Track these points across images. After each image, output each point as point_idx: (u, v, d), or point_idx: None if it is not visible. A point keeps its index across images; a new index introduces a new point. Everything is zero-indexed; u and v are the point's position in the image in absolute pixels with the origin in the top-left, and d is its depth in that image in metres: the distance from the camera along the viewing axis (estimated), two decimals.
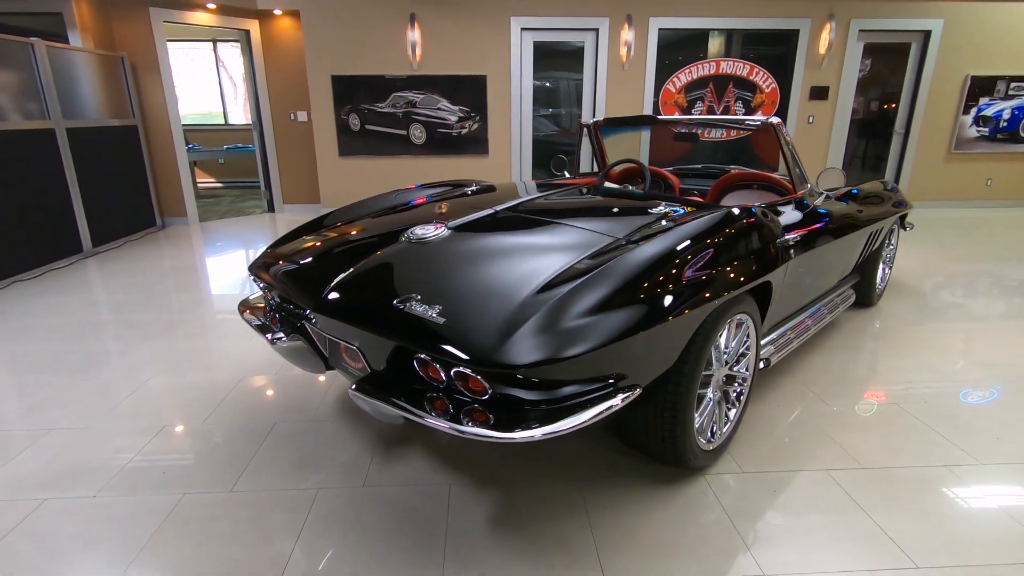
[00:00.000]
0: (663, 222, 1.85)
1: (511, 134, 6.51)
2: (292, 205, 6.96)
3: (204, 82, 9.42)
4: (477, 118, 6.44)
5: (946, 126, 6.76)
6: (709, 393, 1.84)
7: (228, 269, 4.52)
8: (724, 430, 1.95)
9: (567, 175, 3.41)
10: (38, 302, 3.68)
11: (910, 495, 1.80)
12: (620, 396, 1.40)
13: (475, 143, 6.52)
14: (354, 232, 2.00)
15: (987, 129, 6.74)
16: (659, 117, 2.87)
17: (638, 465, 1.94)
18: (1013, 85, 6.60)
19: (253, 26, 6.23)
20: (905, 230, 3.68)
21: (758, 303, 2.07)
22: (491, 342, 1.28)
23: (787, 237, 2.10)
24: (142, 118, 5.80)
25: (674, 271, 1.54)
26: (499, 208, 2.05)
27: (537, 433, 1.28)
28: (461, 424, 1.31)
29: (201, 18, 5.85)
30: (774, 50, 6.46)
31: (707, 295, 1.58)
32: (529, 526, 1.67)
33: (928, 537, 1.61)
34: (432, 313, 1.39)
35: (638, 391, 1.45)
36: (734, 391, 2.00)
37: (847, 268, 2.91)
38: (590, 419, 1.33)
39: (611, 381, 1.42)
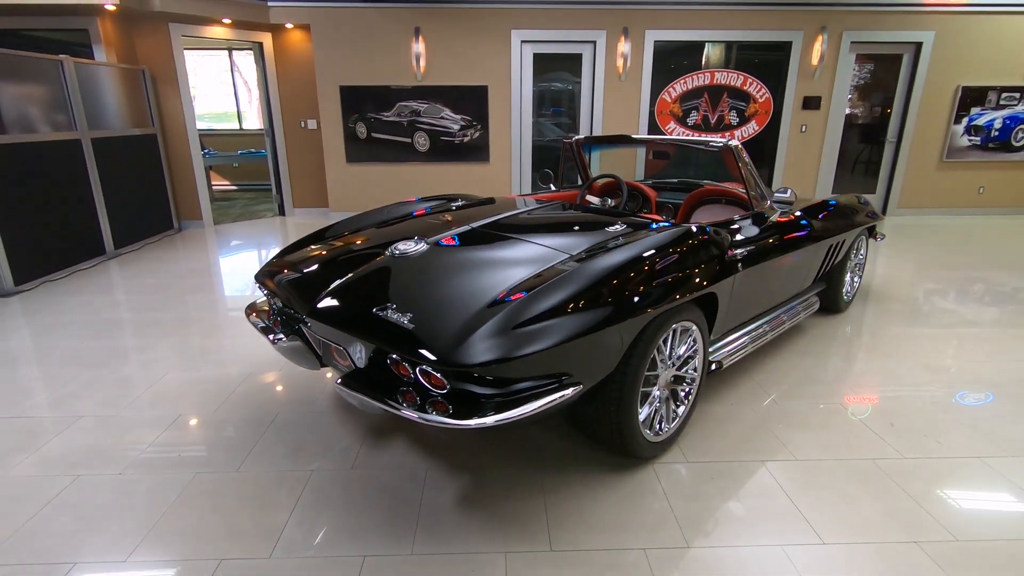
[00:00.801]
0: (618, 240, 2.09)
1: (511, 142, 6.76)
2: (302, 209, 7.27)
3: (220, 84, 9.78)
4: (479, 127, 6.70)
5: (938, 135, 6.90)
6: (656, 392, 2.08)
7: (239, 271, 4.82)
8: (672, 425, 2.18)
9: (552, 188, 3.66)
10: (66, 301, 4.00)
11: (832, 483, 2.02)
12: (563, 392, 1.64)
13: (477, 151, 6.78)
14: (348, 245, 2.27)
15: (979, 138, 6.87)
16: (632, 136, 3.11)
17: (595, 455, 2.19)
18: (1004, 95, 6.73)
19: (266, 39, 6.54)
20: (876, 240, 3.88)
21: (709, 311, 2.31)
22: (449, 345, 1.53)
23: (735, 252, 2.33)
24: (161, 127, 6.13)
25: (615, 285, 1.78)
26: (476, 225, 2.30)
27: (489, 420, 1.54)
28: (426, 413, 1.57)
29: (217, 32, 6.17)
30: (767, 61, 6.65)
31: (646, 306, 1.82)
32: (492, 505, 1.92)
33: (839, 519, 1.84)
34: (404, 320, 1.65)
35: (580, 388, 1.70)
36: (683, 391, 2.24)
37: (807, 278, 3.13)
38: (535, 410, 1.58)
39: (557, 379, 1.67)
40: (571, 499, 1.94)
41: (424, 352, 1.55)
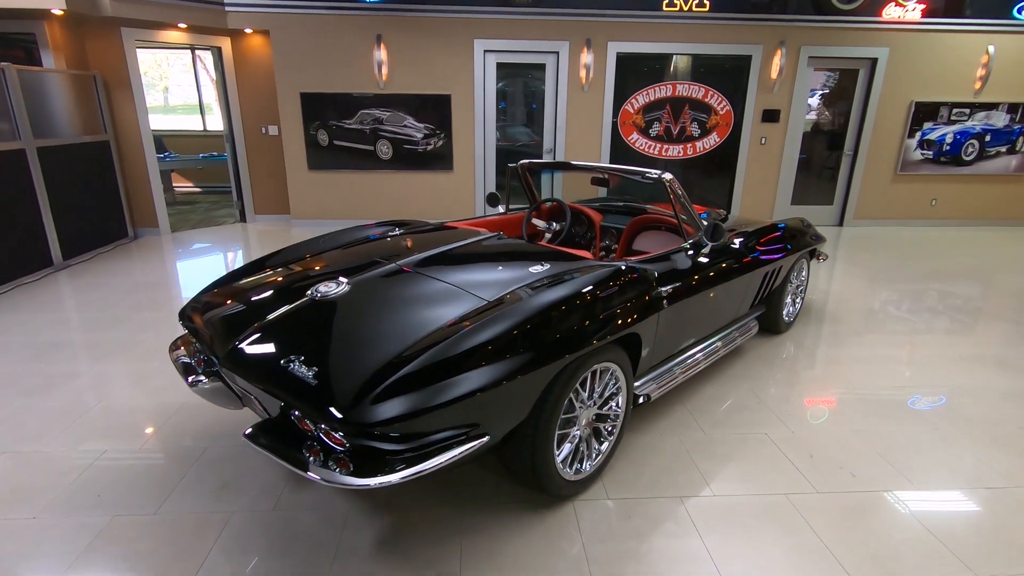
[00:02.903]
0: (542, 281, 2.12)
1: (475, 151, 6.76)
2: (264, 216, 7.18)
3: (184, 81, 9.58)
4: (442, 135, 6.68)
5: (892, 149, 7.07)
6: (576, 431, 2.12)
7: (191, 284, 4.76)
8: (594, 462, 2.22)
9: (501, 210, 3.67)
10: (3, 319, 3.91)
11: (744, 521, 2.09)
12: (469, 445, 1.67)
13: (440, 159, 6.76)
14: (274, 282, 2.26)
15: (931, 152, 7.06)
16: (572, 163, 3.14)
17: (518, 491, 2.22)
18: (955, 111, 6.91)
19: (225, 43, 6.43)
20: (820, 261, 3.97)
21: (633, 349, 2.35)
22: (347, 404, 1.54)
23: (660, 289, 2.38)
24: (114, 133, 6.00)
25: (528, 331, 1.81)
26: (402, 263, 2.31)
27: (394, 478, 1.55)
28: (330, 470, 1.58)
29: (173, 36, 6.05)
30: (728, 74, 6.73)
31: (560, 352, 1.85)
32: (408, 548, 1.94)
33: (746, 559, 1.90)
34: (308, 374, 1.65)
35: (487, 440, 1.72)
36: (606, 428, 2.28)
37: (743, 306, 3.19)
38: (440, 464, 1.60)
39: (464, 431, 1.69)
40: (487, 541, 1.97)
41: (322, 410, 1.56)
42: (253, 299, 2.13)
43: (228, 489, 2.22)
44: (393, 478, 1.55)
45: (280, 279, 2.28)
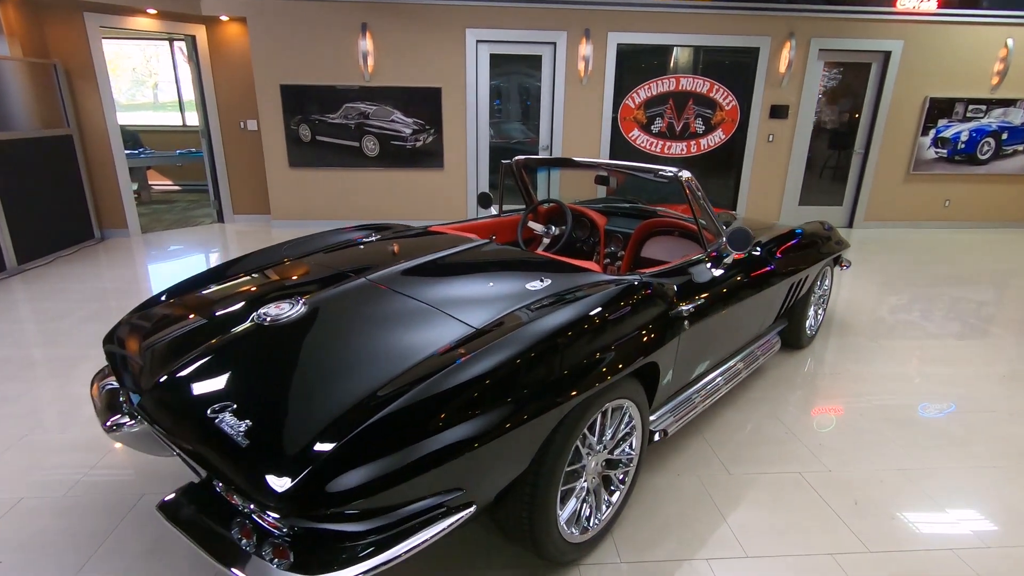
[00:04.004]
0: (540, 303, 1.75)
1: (467, 148, 6.37)
2: (243, 216, 6.76)
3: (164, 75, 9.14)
4: (432, 131, 6.29)
5: (905, 147, 6.74)
6: (581, 484, 1.75)
7: (155, 291, 4.35)
8: (603, 516, 1.86)
9: (494, 212, 3.30)
10: None
11: None
12: (447, 521, 1.29)
13: (430, 156, 6.37)
14: (214, 303, 1.87)
15: (945, 151, 6.74)
16: (575, 159, 2.77)
17: (516, 552, 1.85)
18: (971, 107, 6.59)
19: (199, 31, 6.01)
20: (843, 269, 3.62)
21: (649, 379, 1.98)
22: (282, 479, 1.16)
23: (681, 308, 2.01)
24: (78, 127, 5.57)
25: (521, 370, 1.44)
26: (373, 277, 1.93)
27: (347, 574, 1.18)
28: (263, 559, 1.20)
29: (142, 23, 5.63)
30: (735, 67, 6.38)
31: (560, 396, 1.48)
32: None
33: None
34: (239, 431, 1.27)
35: (472, 510, 1.35)
36: (618, 475, 1.91)
37: (766, 321, 2.84)
38: (410, 551, 1.23)
39: (442, 502, 1.31)
40: None
41: (253, 483, 1.18)
42: (185, 325, 1.74)
43: (161, 548, 1.84)
44: (346, 574, 1.17)
45: (225, 298, 1.89)
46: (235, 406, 1.34)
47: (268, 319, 1.67)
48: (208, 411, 1.34)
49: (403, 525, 1.25)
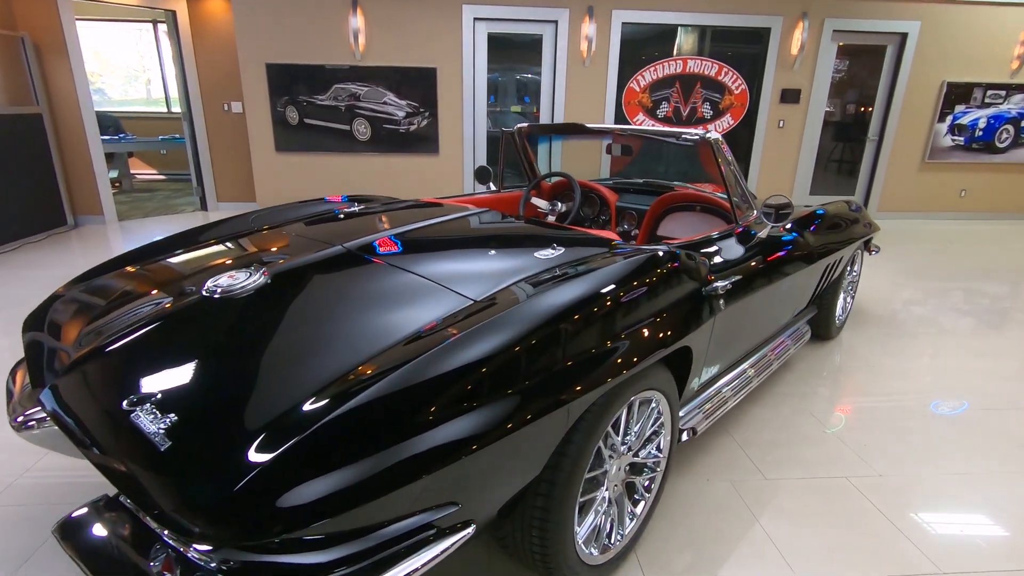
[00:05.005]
0: (551, 273, 1.44)
1: (463, 132, 6.06)
2: (227, 204, 6.43)
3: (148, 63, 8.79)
4: (427, 114, 5.97)
5: (921, 134, 6.46)
6: (602, 494, 1.44)
7: None
8: (626, 532, 1.55)
9: (492, 188, 2.99)
10: None
11: None
12: (441, 545, 0.99)
13: (424, 141, 6.05)
14: (161, 274, 1.56)
15: (962, 138, 6.46)
16: (586, 126, 2.46)
17: (518, 571, 1.54)
18: (990, 93, 6.32)
19: (180, 6, 5.67)
20: (871, 254, 3.33)
21: (677, 367, 1.68)
22: (212, 494, 0.85)
23: (716, 284, 1.71)
24: (48, 105, 5.23)
25: (532, 352, 1.13)
26: (351, 245, 1.61)
27: None
28: None
29: None
30: (744, 49, 6.09)
31: (582, 384, 1.17)
32: None
33: None
34: (159, 430, 0.96)
35: (470, 531, 1.04)
36: (643, 482, 1.61)
37: (798, 306, 2.54)
38: None
39: (432, 519, 1.01)
40: None
41: (170, 501, 0.87)
42: (116, 301, 1.43)
43: None
44: None
45: (170, 269, 1.58)
46: (158, 396, 1.02)
47: (219, 291, 1.35)
48: (123, 404, 1.03)
49: (381, 553, 0.94)
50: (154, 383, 1.06)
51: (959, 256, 5.13)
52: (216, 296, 1.34)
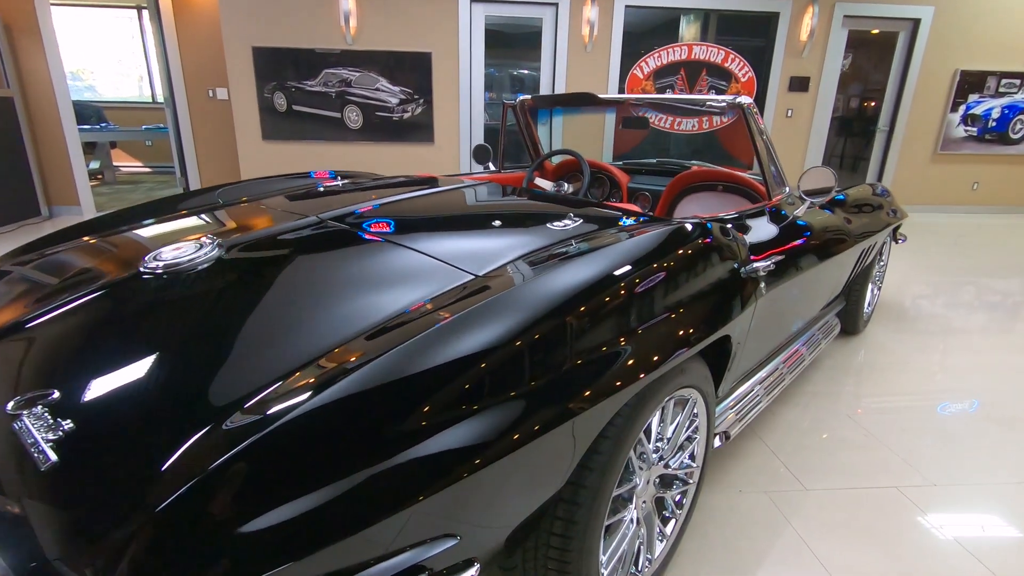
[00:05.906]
0: (568, 245, 1.19)
1: (460, 120, 5.81)
2: None
3: (129, 52, 8.50)
4: (421, 101, 5.72)
5: (933, 124, 6.25)
6: (630, 514, 1.20)
7: None
8: (656, 555, 1.30)
9: (492, 168, 2.74)
10: None
11: None
12: None
13: (419, 129, 5.80)
14: (93, 250, 1.30)
15: (975, 129, 6.25)
16: (599, 96, 2.21)
17: None
18: (1004, 82, 6.11)
19: None
20: (897, 243, 3.11)
21: (713, 361, 1.44)
22: (117, 531, 0.60)
23: (756, 265, 1.47)
24: (20, 90, 4.94)
25: (548, 341, 0.88)
26: (325, 215, 1.36)
27: None
28: None
29: None
30: (752, 35, 5.86)
31: (615, 380, 0.93)
32: None
33: None
34: (47, 439, 0.71)
35: (473, 572, 0.79)
36: (673, 496, 1.36)
37: (832, 295, 2.31)
38: None
39: (423, 563, 0.76)
40: None
41: (53, 535, 0.62)
42: (41, 280, 1.17)
43: None
44: None
45: (116, 243, 1.32)
46: (55, 395, 0.77)
47: (160, 267, 1.10)
48: (10, 403, 0.77)
49: None
50: (52, 382, 0.81)
51: (977, 249, 4.91)
52: (158, 273, 1.09)
